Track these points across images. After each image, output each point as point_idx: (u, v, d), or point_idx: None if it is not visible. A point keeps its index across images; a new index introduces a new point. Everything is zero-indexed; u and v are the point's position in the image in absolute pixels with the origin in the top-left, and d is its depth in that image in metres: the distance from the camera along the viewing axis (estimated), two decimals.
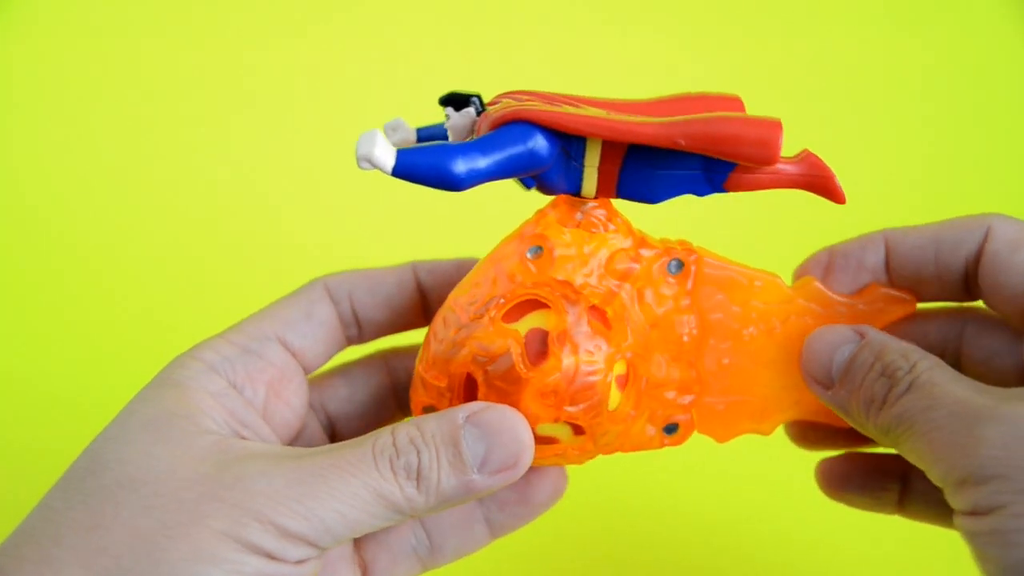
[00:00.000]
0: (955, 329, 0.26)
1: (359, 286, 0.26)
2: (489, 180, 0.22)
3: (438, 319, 0.24)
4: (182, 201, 0.52)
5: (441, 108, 0.23)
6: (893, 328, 0.25)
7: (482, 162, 0.21)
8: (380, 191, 0.50)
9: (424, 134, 0.25)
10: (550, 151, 0.22)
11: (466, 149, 0.21)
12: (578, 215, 0.24)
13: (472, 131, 0.23)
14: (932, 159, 0.55)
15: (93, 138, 0.55)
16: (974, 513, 0.20)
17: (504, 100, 0.23)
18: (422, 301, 0.27)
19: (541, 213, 0.24)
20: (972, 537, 0.20)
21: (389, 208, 0.52)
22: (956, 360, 0.25)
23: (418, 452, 0.21)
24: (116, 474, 0.21)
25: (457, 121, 0.23)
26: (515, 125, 0.22)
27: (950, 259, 0.24)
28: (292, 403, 0.25)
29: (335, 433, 0.28)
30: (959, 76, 0.58)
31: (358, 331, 0.27)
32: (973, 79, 0.58)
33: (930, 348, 0.24)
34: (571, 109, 0.23)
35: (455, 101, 0.23)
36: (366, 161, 0.20)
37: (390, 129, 0.24)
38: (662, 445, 0.25)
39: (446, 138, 0.24)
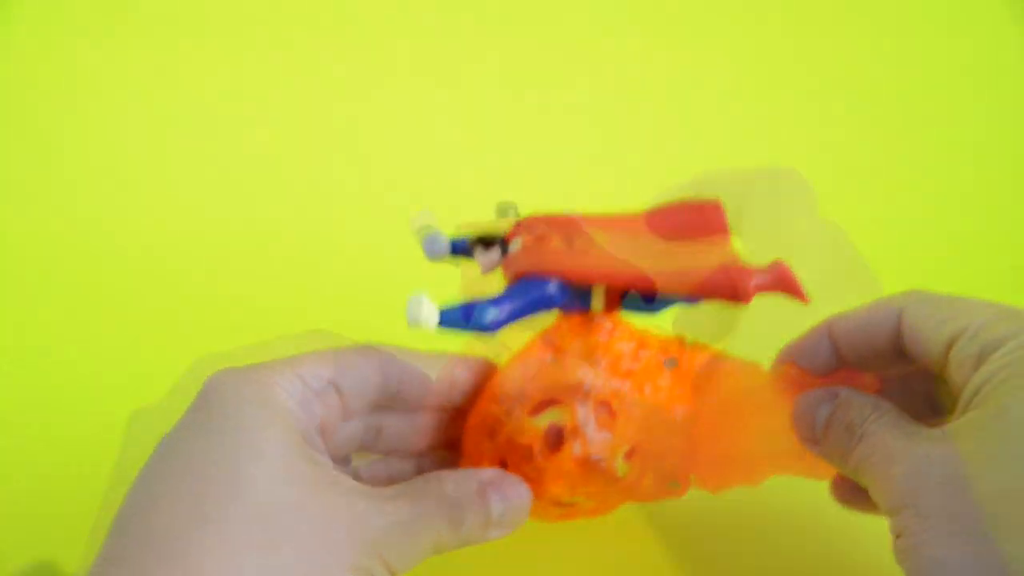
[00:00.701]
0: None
1: (402, 367, 0.30)
2: (513, 322, 0.28)
3: (475, 409, 0.30)
4: (182, 201, 0.53)
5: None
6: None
7: (506, 311, 0.27)
8: (379, 191, 0.53)
9: (457, 246, 0.31)
10: (560, 295, 0.28)
11: (493, 304, 0.27)
12: (589, 325, 0.29)
13: (496, 265, 0.29)
14: (931, 159, 0.56)
15: (93, 137, 0.56)
16: (896, 536, 0.25)
17: (523, 235, 0.29)
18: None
19: (558, 323, 0.30)
20: (895, 556, 0.25)
21: (390, 209, 0.52)
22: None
23: (463, 509, 0.27)
24: (255, 499, 0.24)
25: (484, 260, 0.29)
26: (532, 280, 0.28)
27: (878, 339, 0.29)
28: (336, 442, 0.29)
29: None
30: (959, 76, 0.59)
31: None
32: (973, 79, 0.59)
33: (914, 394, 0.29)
34: (581, 242, 0.28)
35: (484, 242, 0.29)
36: (415, 324, 0.27)
37: (429, 241, 0.31)
38: (665, 497, 0.31)
39: (469, 241, 0.30)
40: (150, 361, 0.41)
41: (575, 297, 0.29)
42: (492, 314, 0.27)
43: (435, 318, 0.27)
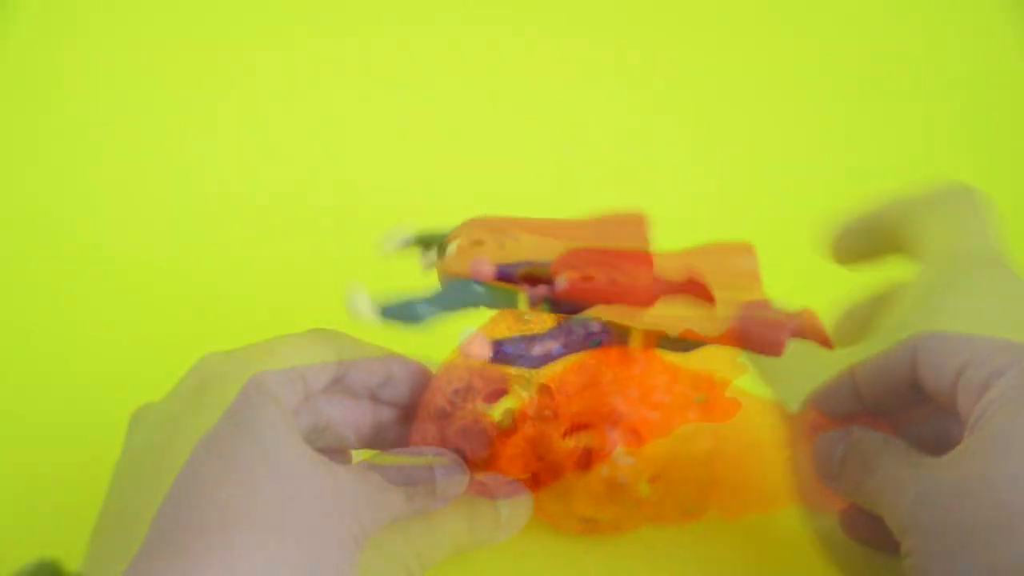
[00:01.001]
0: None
1: (352, 354, 0.31)
2: (440, 315, 0.31)
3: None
4: (182, 201, 0.53)
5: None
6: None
7: (436, 308, 0.31)
8: (377, 192, 0.53)
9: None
10: (487, 296, 0.32)
11: (426, 301, 0.31)
12: (626, 359, 0.32)
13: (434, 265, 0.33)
14: (930, 158, 0.56)
15: (91, 138, 0.56)
16: (905, 558, 0.26)
17: (460, 238, 0.32)
18: None
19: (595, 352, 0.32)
20: (903, 565, 0.27)
21: (390, 209, 0.52)
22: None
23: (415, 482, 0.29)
24: (273, 485, 0.25)
25: (424, 259, 0.33)
26: (461, 283, 0.31)
27: (896, 380, 0.30)
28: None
29: None
30: (958, 76, 0.59)
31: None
32: (972, 79, 0.59)
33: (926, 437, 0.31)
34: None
35: (424, 242, 0.33)
36: (356, 316, 0.30)
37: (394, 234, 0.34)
38: (686, 521, 0.34)
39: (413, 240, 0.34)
40: (150, 359, 0.41)
41: (502, 299, 0.32)
42: (423, 309, 0.31)
43: (374, 310, 0.30)
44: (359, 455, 0.32)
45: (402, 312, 0.31)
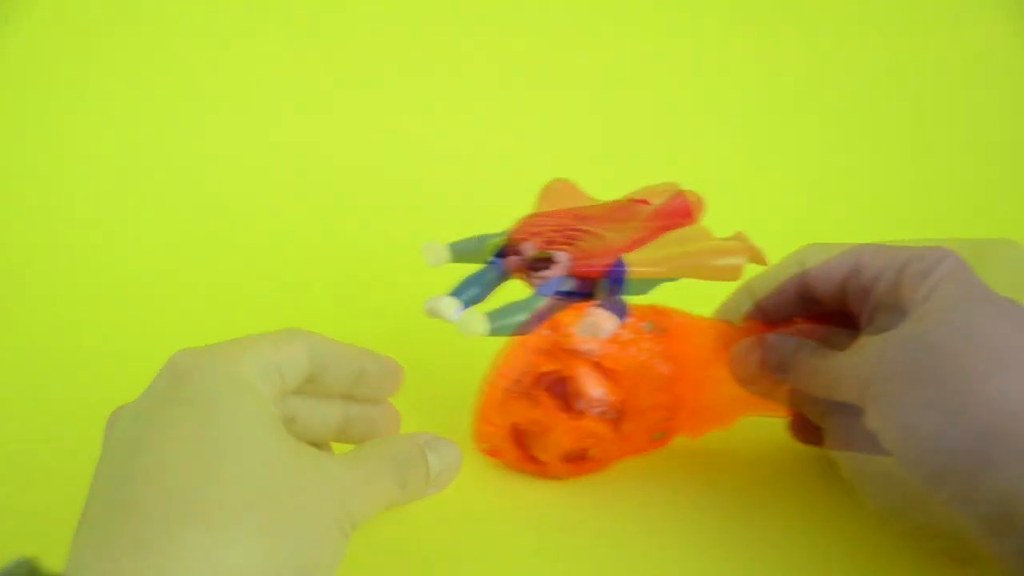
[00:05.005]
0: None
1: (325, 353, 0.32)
2: (545, 319, 0.32)
3: (488, 384, 0.34)
4: (181, 200, 0.55)
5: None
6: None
7: (539, 308, 0.31)
8: (376, 191, 0.55)
9: (458, 248, 0.35)
10: (582, 288, 0.32)
11: (528, 304, 0.31)
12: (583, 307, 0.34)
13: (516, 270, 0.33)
14: (929, 158, 0.60)
15: (91, 138, 0.58)
16: (866, 413, 0.29)
17: (530, 237, 0.33)
18: None
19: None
20: (869, 429, 0.29)
21: (390, 209, 0.54)
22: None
23: (407, 467, 0.30)
24: (251, 472, 0.25)
25: (548, 274, 0.32)
26: (554, 281, 0.32)
27: (786, 287, 0.35)
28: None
29: None
30: (958, 76, 0.63)
31: None
32: (971, 79, 0.63)
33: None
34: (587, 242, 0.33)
35: (535, 266, 0.33)
36: (469, 334, 0.30)
37: (429, 251, 0.35)
38: (654, 448, 0.36)
39: (476, 250, 0.34)
40: (131, 356, 0.41)
41: (590, 288, 0.33)
42: (525, 315, 0.31)
43: (486, 326, 0.30)
44: (339, 449, 0.33)
45: (509, 326, 0.31)
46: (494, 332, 0.30)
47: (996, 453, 0.26)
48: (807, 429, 0.36)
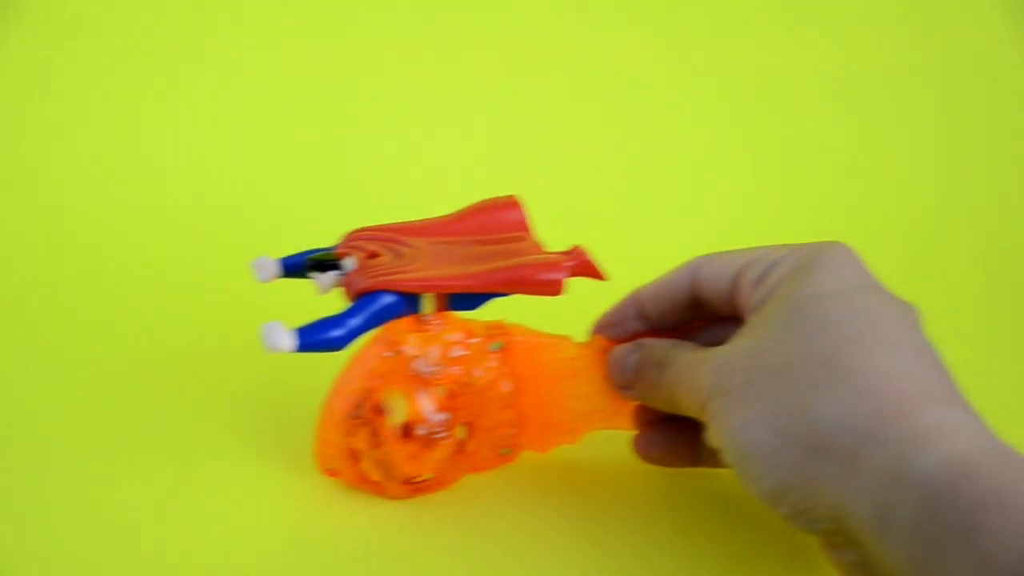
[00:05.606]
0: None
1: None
2: (361, 335, 0.31)
3: (326, 406, 0.33)
4: (181, 200, 0.55)
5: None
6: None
7: (353, 324, 0.31)
8: (374, 191, 0.56)
9: (288, 263, 0.34)
10: (400, 305, 0.32)
11: (340, 320, 0.31)
12: (421, 323, 0.33)
13: (336, 285, 0.33)
14: (928, 157, 0.61)
15: (90, 138, 0.58)
16: (707, 429, 0.30)
17: (355, 253, 0.32)
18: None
19: (392, 323, 0.33)
20: (711, 443, 0.30)
21: (389, 209, 0.53)
22: None
23: None
24: None
25: (323, 282, 0.33)
26: (370, 295, 0.31)
27: (677, 297, 0.34)
28: None
29: None
30: (957, 76, 0.63)
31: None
32: (970, 78, 0.63)
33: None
34: (407, 252, 0.32)
35: (319, 266, 0.32)
36: (274, 350, 0.29)
37: (259, 267, 0.34)
38: (501, 464, 0.36)
39: (305, 265, 0.33)
40: (131, 355, 0.43)
41: (410, 304, 0.32)
42: (339, 332, 0.31)
43: (293, 342, 0.30)
44: None
45: (317, 337, 0.30)
46: (304, 349, 0.30)
47: (824, 470, 0.26)
48: (652, 447, 0.36)
